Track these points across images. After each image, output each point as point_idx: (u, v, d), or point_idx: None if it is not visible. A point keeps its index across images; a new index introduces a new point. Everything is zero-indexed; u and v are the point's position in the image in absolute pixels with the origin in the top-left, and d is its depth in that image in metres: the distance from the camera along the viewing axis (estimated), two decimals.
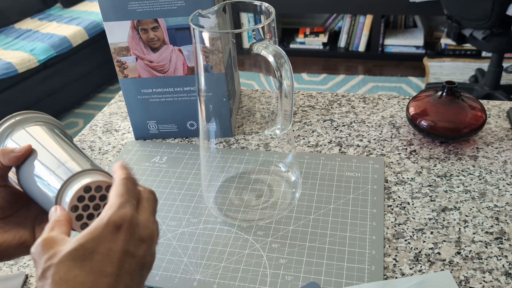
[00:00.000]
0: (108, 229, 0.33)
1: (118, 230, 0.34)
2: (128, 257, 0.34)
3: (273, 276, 0.55)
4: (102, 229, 0.33)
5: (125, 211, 0.35)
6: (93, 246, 0.33)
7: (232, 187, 0.69)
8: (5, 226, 0.44)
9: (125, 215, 0.34)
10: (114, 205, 0.35)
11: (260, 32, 0.53)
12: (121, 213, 0.34)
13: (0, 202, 0.44)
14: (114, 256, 0.33)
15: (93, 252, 0.33)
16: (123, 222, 0.34)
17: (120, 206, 0.35)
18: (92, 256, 0.33)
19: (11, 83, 2.30)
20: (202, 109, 0.62)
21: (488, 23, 1.79)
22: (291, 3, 2.78)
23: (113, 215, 0.34)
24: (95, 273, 0.32)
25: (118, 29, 0.71)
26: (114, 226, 0.34)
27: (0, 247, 0.42)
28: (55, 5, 3.02)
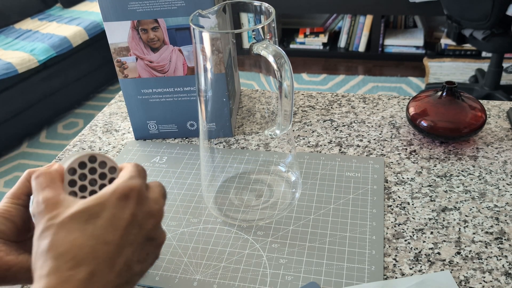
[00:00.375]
0: (116, 196, 0.33)
1: (127, 198, 0.33)
2: (134, 228, 0.33)
3: (273, 276, 0.56)
4: (109, 196, 0.33)
5: (134, 182, 0.34)
6: (97, 211, 0.32)
7: (232, 187, 0.69)
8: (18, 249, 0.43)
9: (134, 185, 0.34)
10: (123, 177, 0.34)
11: (260, 32, 0.53)
12: (130, 183, 0.34)
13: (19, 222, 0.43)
14: (118, 224, 0.32)
15: (97, 217, 0.32)
16: (132, 192, 0.33)
17: (130, 178, 0.34)
18: (95, 221, 0.31)
19: (11, 83, 2.30)
20: (202, 109, 0.62)
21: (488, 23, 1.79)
22: (291, 3, 2.78)
23: (122, 184, 0.34)
24: (95, 238, 0.31)
25: (118, 29, 0.71)
26: (123, 194, 0.33)
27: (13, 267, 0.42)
28: (55, 5, 3.02)
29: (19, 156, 2.34)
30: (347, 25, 2.86)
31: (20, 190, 0.43)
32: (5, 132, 2.31)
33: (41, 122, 2.51)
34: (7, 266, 0.40)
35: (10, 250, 0.41)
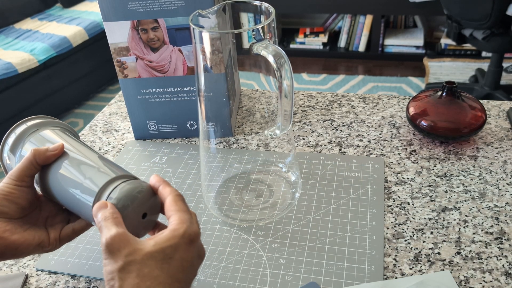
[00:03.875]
0: (184, 241, 0.38)
1: (192, 243, 0.39)
2: (192, 269, 0.39)
3: (273, 276, 0.55)
4: (179, 240, 0.38)
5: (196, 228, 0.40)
6: (171, 252, 0.37)
7: (232, 187, 0.69)
8: (23, 225, 0.47)
9: (197, 232, 0.40)
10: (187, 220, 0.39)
11: (260, 32, 0.53)
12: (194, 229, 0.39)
13: (23, 203, 0.47)
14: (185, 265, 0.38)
15: (171, 258, 0.37)
16: (196, 238, 0.39)
17: (192, 223, 0.40)
18: (170, 261, 0.37)
19: (11, 83, 2.30)
20: (202, 109, 0.62)
21: (488, 23, 1.79)
22: (291, 3, 2.78)
23: (189, 229, 0.39)
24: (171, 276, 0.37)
25: (118, 29, 0.71)
26: (189, 239, 0.38)
27: (21, 246, 0.45)
28: (55, 5, 3.02)
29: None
30: (347, 25, 2.85)
31: (23, 172, 0.47)
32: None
33: None
34: (14, 245, 0.44)
35: (15, 228, 0.45)
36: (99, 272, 0.58)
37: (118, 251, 0.37)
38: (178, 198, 0.42)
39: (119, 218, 0.40)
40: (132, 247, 0.37)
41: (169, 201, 0.42)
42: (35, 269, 0.59)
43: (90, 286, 0.57)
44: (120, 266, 0.37)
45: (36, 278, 0.58)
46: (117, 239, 0.37)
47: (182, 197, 0.43)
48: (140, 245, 0.38)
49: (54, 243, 0.49)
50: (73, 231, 0.52)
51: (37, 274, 0.59)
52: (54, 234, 0.49)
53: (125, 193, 0.42)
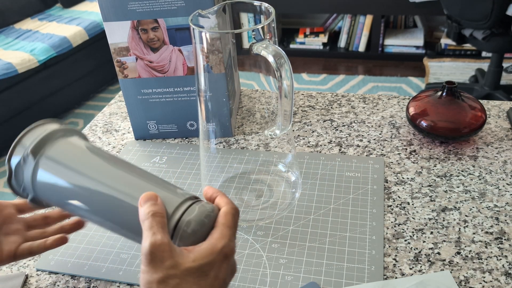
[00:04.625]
0: (220, 258, 0.39)
1: (226, 260, 0.39)
2: (224, 284, 0.40)
3: (273, 276, 0.55)
4: (216, 256, 0.38)
5: (233, 245, 0.40)
6: (208, 269, 0.38)
7: (232, 187, 0.69)
8: None
9: (233, 248, 0.40)
10: (227, 236, 0.40)
11: (260, 32, 0.53)
12: (231, 246, 0.40)
13: None
14: (218, 281, 0.38)
15: (207, 275, 0.38)
16: (231, 254, 0.39)
17: (231, 239, 0.40)
18: (206, 278, 0.38)
19: (11, 83, 2.30)
20: (202, 109, 0.62)
21: (488, 23, 1.79)
22: (291, 3, 2.78)
23: (226, 247, 0.39)
24: None
25: (118, 29, 0.71)
26: (225, 256, 0.39)
27: None
28: (55, 5, 3.01)
29: None
30: (347, 25, 2.85)
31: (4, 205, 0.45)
32: (5, 132, 2.31)
33: None
34: None
35: None
36: (99, 272, 0.58)
37: (160, 262, 0.37)
38: (230, 211, 0.41)
39: (165, 219, 0.40)
40: (174, 260, 0.37)
41: (221, 213, 0.41)
42: (35, 269, 0.59)
43: (90, 286, 0.57)
44: (160, 278, 0.37)
45: (36, 278, 0.58)
46: (161, 249, 0.37)
47: (235, 211, 0.42)
48: (181, 258, 0.38)
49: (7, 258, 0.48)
50: (29, 252, 0.51)
51: (37, 274, 0.59)
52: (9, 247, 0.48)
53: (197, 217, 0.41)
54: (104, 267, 0.59)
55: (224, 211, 0.41)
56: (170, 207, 0.41)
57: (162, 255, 0.37)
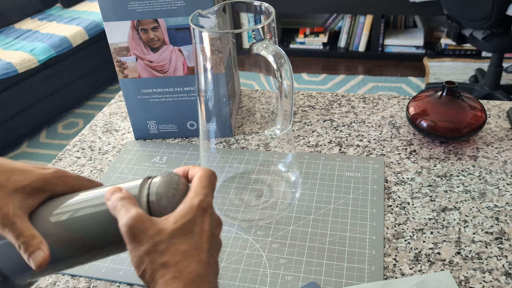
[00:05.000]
0: (199, 212, 0.39)
1: (205, 213, 0.39)
2: (214, 237, 0.40)
3: (273, 276, 0.55)
4: (195, 212, 0.39)
5: (209, 199, 0.40)
6: (191, 226, 0.38)
7: (232, 187, 0.69)
8: None
9: (210, 202, 0.40)
10: (202, 193, 0.40)
11: (260, 32, 0.53)
12: (208, 201, 0.40)
13: None
14: (205, 235, 0.39)
15: (192, 231, 0.38)
16: (208, 207, 0.40)
17: (206, 195, 0.40)
18: (192, 235, 0.38)
19: (11, 83, 2.30)
20: (202, 109, 0.62)
21: (488, 23, 1.79)
22: (291, 3, 2.78)
23: (202, 201, 0.39)
24: (197, 248, 0.38)
25: (118, 29, 0.71)
26: (203, 210, 0.39)
27: None
28: (55, 5, 3.01)
29: (19, 156, 2.34)
30: (347, 25, 2.85)
31: None
32: (5, 132, 2.31)
33: (41, 122, 2.50)
34: None
35: None
36: (99, 272, 0.58)
37: (142, 233, 0.37)
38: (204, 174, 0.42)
39: (134, 199, 0.39)
40: (156, 227, 0.37)
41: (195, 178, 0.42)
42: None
43: (90, 286, 0.57)
44: (148, 248, 0.37)
45: None
46: (140, 220, 0.37)
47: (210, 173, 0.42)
48: (162, 225, 0.38)
49: None
50: None
51: None
52: None
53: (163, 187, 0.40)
54: (104, 267, 0.59)
55: (199, 175, 0.42)
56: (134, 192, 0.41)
57: (142, 226, 0.37)
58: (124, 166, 0.76)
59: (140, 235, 0.37)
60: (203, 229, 0.39)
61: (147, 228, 0.37)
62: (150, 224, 0.37)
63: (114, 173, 0.75)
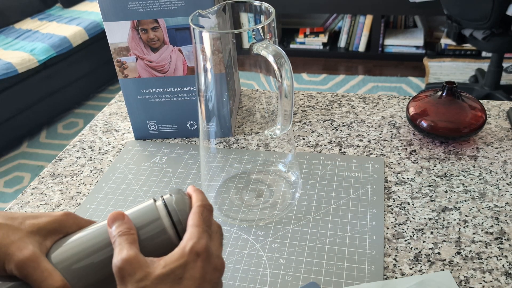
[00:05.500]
0: (192, 258, 0.38)
1: (199, 258, 0.38)
2: (205, 283, 0.38)
3: (273, 276, 0.55)
4: (187, 258, 0.37)
5: (204, 241, 0.39)
6: (180, 272, 0.37)
7: (232, 187, 0.69)
8: None
9: (204, 246, 0.39)
10: (195, 236, 0.39)
11: (260, 32, 0.53)
12: (202, 244, 0.38)
13: None
14: (196, 282, 0.37)
15: (181, 278, 0.37)
16: (202, 252, 0.38)
17: (200, 237, 0.39)
18: (180, 281, 0.37)
19: (11, 83, 2.30)
20: (202, 109, 0.62)
21: (488, 23, 1.79)
22: (291, 3, 2.78)
23: (195, 246, 0.38)
24: None
25: (118, 29, 0.71)
26: (196, 255, 0.38)
27: None
28: (55, 5, 3.02)
29: (19, 156, 2.34)
30: (347, 25, 2.86)
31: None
32: (5, 132, 2.31)
33: (41, 122, 2.51)
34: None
35: None
36: None
37: (130, 276, 0.36)
38: (198, 210, 0.41)
39: (135, 235, 0.39)
40: (143, 271, 0.36)
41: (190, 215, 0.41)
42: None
43: None
44: None
45: None
46: (129, 262, 0.37)
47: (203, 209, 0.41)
48: (150, 268, 0.37)
49: None
50: None
51: None
52: None
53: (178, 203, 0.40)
54: None
55: (192, 212, 0.41)
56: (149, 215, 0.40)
57: (130, 268, 0.36)
58: (124, 166, 0.77)
59: (126, 278, 0.36)
60: (194, 276, 0.38)
61: (134, 271, 0.36)
62: (138, 267, 0.36)
63: (114, 173, 0.75)
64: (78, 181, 0.74)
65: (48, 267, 0.38)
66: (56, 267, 0.39)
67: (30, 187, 0.74)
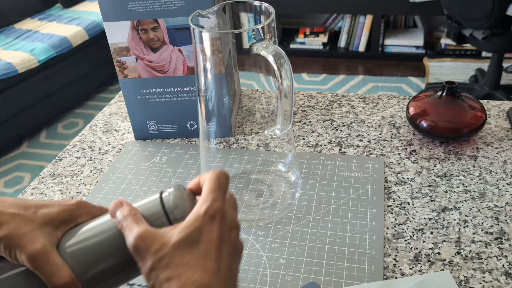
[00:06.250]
0: (206, 221, 0.38)
1: (213, 220, 0.38)
2: (224, 243, 0.38)
3: (273, 276, 0.55)
4: (201, 221, 0.38)
5: (218, 204, 0.39)
6: (196, 236, 0.37)
7: (232, 187, 0.69)
8: None
9: (218, 207, 0.39)
10: (209, 199, 0.39)
11: (260, 32, 0.53)
12: (216, 206, 0.39)
13: None
14: (213, 242, 0.38)
15: (198, 241, 0.37)
16: (216, 213, 0.38)
17: (213, 201, 0.39)
18: (197, 244, 0.37)
19: (11, 83, 2.30)
20: (202, 109, 0.62)
21: (488, 23, 1.79)
22: (291, 3, 2.78)
23: (209, 208, 0.38)
24: (203, 257, 0.37)
25: (118, 29, 0.71)
26: (210, 217, 0.38)
27: None
28: (55, 5, 3.02)
29: (19, 156, 2.34)
30: (347, 25, 2.85)
31: None
32: (5, 132, 2.31)
33: (41, 122, 2.51)
34: None
35: None
36: None
37: (146, 250, 0.37)
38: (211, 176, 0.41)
39: (138, 214, 0.40)
40: (159, 242, 0.37)
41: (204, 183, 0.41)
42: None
43: None
44: (151, 265, 0.36)
45: None
46: (141, 239, 0.37)
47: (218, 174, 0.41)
48: (165, 238, 0.37)
49: None
50: None
51: None
52: None
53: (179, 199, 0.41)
54: None
55: (208, 179, 0.41)
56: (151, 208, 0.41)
57: (145, 243, 0.37)
58: (124, 166, 0.77)
59: (143, 253, 0.37)
60: (211, 237, 0.38)
61: (149, 245, 0.37)
62: (153, 240, 0.37)
63: (114, 173, 0.75)
64: (78, 181, 0.74)
65: (57, 261, 0.39)
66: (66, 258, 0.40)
67: (30, 187, 0.74)
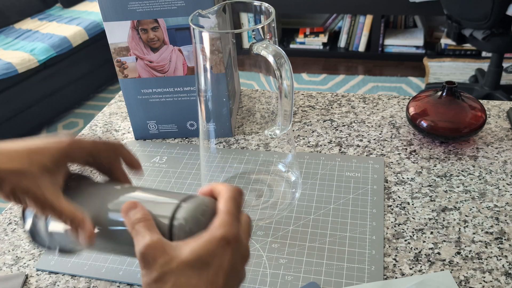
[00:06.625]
0: (221, 244, 0.37)
1: (228, 246, 0.37)
2: (233, 272, 0.37)
3: (273, 276, 0.55)
4: (216, 244, 0.36)
5: (234, 230, 0.38)
6: (208, 259, 0.36)
7: None
8: None
9: (235, 234, 0.38)
10: (228, 223, 0.38)
11: (260, 32, 0.53)
12: (233, 232, 0.37)
13: None
14: (223, 270, 0.36)
15: (208, 265, 0.36)
16: (233, 240, 0.37)
17: (232, 226, 0.38)
18: (207, 268, 0.36)
19: (11, 83, 2.30)
20: (202, 109, 0.62)
21: (488, 23, 1.79)
22: (291, 3, 2.78)
23: (226, 234, 0.37)
24: (211, 283, 0.36)
25: (118, 29, 0.71)
26: (226, 243, 0.37)
27: None
28: (55, 5, 3.01)
29: None
30: (347, 25, 2.85)
31: None
32: (5, 132, 2.31)
33: (41, 122, 2.50)
34: None
35: None
36: (99, 272, 0.58)
37: (153, 260, 0.36)
38: (230, 196, 0.39)
39: (151, 220, 0.39)
40: (168, 255, 0.36)
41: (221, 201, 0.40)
42: (35, 269, 0.59)
43: (90, 286, 0.57)
44: (156, 277, 0.35)
45: (36, 278, 0.58)
46: (151, 248, 0.36)
47: (236, 194, 0.40)
48: (176, 252, 0.36)
49: None
50: None
51: (37, 274, 0.59)
52: None
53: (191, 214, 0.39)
54: (104, 267, 0.59)
55: (225, 198, 0.39)
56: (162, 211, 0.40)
57: (153, 253, 0.36)
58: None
59: (150, 263, 0.36)
60: (223, 264, 0.36)
61: (158, 256, 0.36)
62: (163, 251, 0.36)
63: None
64: None
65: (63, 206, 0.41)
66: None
67: None
